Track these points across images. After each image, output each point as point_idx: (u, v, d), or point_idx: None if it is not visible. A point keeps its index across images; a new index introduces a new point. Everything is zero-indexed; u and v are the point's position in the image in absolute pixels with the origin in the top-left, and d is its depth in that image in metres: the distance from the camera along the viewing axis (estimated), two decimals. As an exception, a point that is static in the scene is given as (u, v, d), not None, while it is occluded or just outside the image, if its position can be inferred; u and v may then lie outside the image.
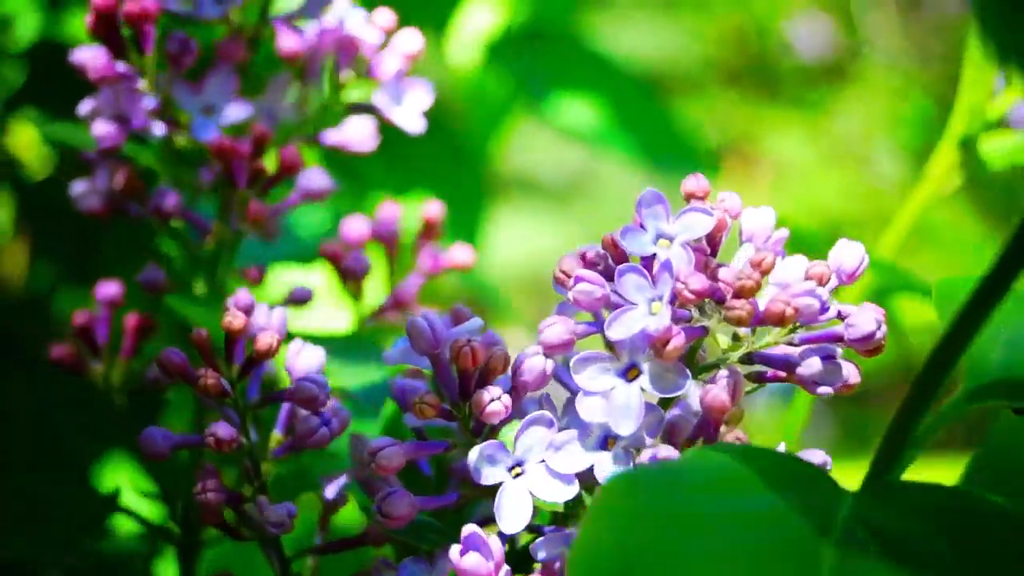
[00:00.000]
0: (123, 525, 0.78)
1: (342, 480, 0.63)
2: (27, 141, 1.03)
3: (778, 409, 2.06)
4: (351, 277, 0.72)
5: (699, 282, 0.52)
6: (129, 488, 0.70)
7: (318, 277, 0.81)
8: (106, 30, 0.69)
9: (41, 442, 0.69)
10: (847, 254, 0.55)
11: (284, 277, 0.83)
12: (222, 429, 0.57)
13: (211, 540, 0.70)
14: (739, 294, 0.52)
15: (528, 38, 1.18)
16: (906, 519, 0.47)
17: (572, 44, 1.19)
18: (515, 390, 0.55)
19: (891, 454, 0.51)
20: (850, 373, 0.54)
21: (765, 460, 0.49)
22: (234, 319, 0.57)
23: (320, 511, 0.64)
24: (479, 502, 0.60)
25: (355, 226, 0.73)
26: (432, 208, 0.74)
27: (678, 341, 0.51)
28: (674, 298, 0.52)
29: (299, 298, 0.73)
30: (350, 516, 0.70)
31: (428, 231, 0.74)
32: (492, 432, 0.56)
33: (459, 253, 0.74)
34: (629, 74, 1.21)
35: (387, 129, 0.72)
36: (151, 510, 0.71)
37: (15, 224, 1.01)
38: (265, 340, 0.57)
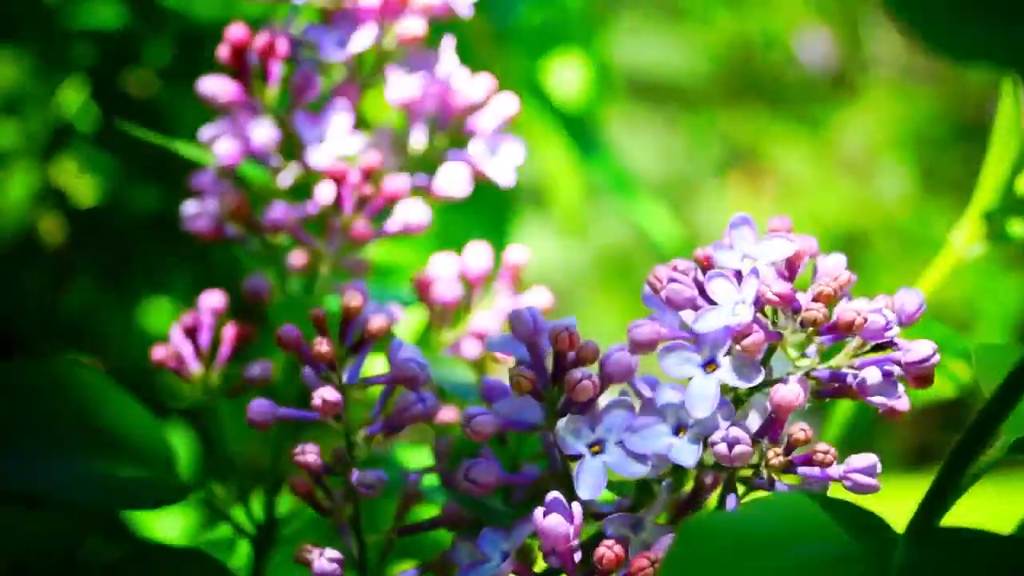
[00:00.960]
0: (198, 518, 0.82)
1: (423, 473, 0.68)
2: (73, 171, 1.11)
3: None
4: (439, 305, 0.78)
5: (782, 287, 0.58)
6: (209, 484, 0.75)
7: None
8: (237, 62, 0.76)
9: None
10: (908, 298, 0.61)
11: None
12: (328, 392, 0.62)
13: (286, 537, 0.75)
14: (816, 299, 0.58)
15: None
16: (958, 565, 0.52)
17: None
18: (601, 381, 0.61)
19: (937, 503, 0.57)
20: (902, 396, 0.60)
21: (826, 507, 0.55)
22: (352, 299, 0.63)
23: (399, 503, 0.69)
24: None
25: (445, 261, 0.79)
26: (516, 252, 0.80)
27: (758, 336, 0.58)
28: (757, 303, 0.59)
29: (391, 318, 0.78)
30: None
31: (510, 273, 0.80)
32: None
33: (538, 297, 0.80)
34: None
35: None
36: (229, 506, 0.76)
37: (63, 246, 1.08)
38: (377, 321, 0.63)
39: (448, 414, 0.73)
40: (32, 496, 0.70)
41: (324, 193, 0.76)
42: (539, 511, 0.58)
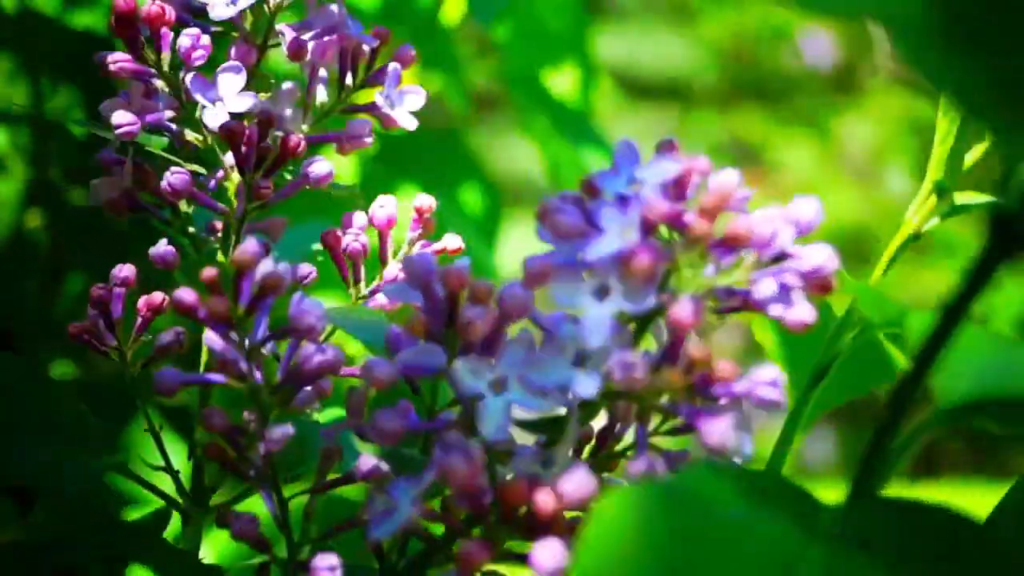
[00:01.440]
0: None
1: (339, 429, 0.67)
2: (63, 172, 1.11)
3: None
4: (350, 259, 0.77)
5: (665, 205, 0.57)
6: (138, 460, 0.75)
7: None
8: (126, 31, 0.75)
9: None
10: (803, 206, 0.61)
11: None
12: (229, 353, 0.61)
13: (215, 508, 0.75)
14: (701, 214, 0.58)
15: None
16: (885, 527, 0.52)
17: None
18: (500, 319, 0.60)
19: (869, 468, 0.56)
20: (804, 304, 0.59)
21: (752, 477, 0.55)
22: (243, 254, 0.62)
23: (318, 461, 0.68)
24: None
25: (355, 217, 0.78)
26: (423, 199, 0.79)
27: (643, 259, 0.57)
28: (644, 228, 0.58)
29: (302, 275, 0.77)
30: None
31: (418, 220, 0.79)
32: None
33: (448, 241, 0.79)
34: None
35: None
36: (159, 481, 0.75)
37: (52, 242, 1.08)
38: (272, 276, 0.62)
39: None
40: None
41: (228, 156, 0.75)
42: (439, 453, 0.58)
